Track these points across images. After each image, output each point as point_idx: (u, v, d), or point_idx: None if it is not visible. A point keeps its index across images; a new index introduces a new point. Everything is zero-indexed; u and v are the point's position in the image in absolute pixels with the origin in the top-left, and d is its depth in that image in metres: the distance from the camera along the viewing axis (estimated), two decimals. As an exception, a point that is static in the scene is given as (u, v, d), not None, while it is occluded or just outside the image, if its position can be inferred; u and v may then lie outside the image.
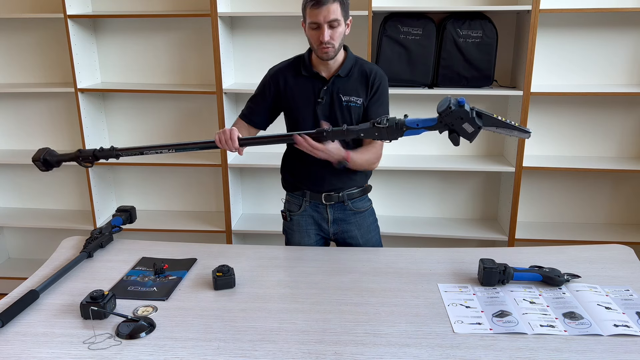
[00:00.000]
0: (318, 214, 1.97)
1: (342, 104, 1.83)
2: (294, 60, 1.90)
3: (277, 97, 1.89)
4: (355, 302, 1.47)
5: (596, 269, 1.65)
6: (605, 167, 2.74)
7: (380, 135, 1.60)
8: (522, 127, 1.51)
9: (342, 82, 1.83)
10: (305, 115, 1.85)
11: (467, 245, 2.91)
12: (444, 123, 1.54)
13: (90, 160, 1.82)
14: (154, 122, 3.11)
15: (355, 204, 1.97)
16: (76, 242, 1.90)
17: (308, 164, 1.85)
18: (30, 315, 1.41)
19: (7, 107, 3.14)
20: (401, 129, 1.58)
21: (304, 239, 2.00)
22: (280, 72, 1.89)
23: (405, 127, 1.58)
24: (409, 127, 1.57)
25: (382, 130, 1.59)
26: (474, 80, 2.68)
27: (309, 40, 1.78)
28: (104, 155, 1.80)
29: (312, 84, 1.85)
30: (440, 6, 2.74)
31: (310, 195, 1.94)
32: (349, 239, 1.99)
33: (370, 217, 2.02)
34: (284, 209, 2.04)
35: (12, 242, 3.43)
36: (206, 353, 1.25)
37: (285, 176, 2.01)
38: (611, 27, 2.73)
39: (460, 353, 1.24)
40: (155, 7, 2.92)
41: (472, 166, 2.82)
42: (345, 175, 1.90)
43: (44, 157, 1.80)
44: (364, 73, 1.85)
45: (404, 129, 1.58)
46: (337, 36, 1.72)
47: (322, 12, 1.67)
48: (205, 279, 1.61)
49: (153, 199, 3.27)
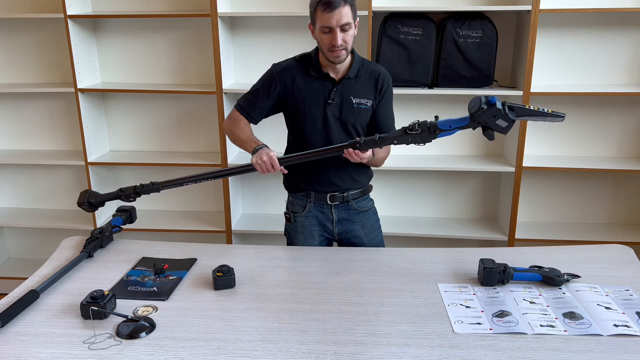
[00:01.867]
0: (322, 215, 1.96)
1: (352, 106, 1.82)
2: (301, 58, 1.87)
3: (283, 96, 1.86)
4: (355, 302, 1.47)
5: (596, 269, 1.65)
6: (605, 167, 2.74)
7: (414, 140, 1.60)
8: (555, 112, 1.51)
9: (351, 83, 1.82)
10: (314, 116, 1.83)
11: (467, 245, 2.91)
12: (477, 122, 1.54)
13: (132, 197, 1.89)
14: (154, 122, 3.11)
15: (359, 204, 1.96)
16: (76, 242, 1.90)
17: (312, 165, 1.85)
18: (30, 315, 1.41)
19: (7, 107, 3.14)
20: (434, 133, 1.57)
21: (308, 241, 1.98)
22: (287, 70, 1.85)
23: (439, 130, 1.57)
24: (442, 129, 1.57)
25: (416, 136, 1.59)
26: (474, 80, 2.68)
27: (318, 44, 1.76)
28: (145, 191, 1.87)
29: (322, 84, 1.83)
30: (440, 6, 2.74)
31: (314, 195, 1.93)
32: (353, 238, 1.98)
33: (373, 216, 2.03)
34: (287, 210, 2.03)
35: (12, 242, 3.43)
36: (206, 353, 1.25)
37: (289, 177, 1.99)
38: (611, 27, 2.73)
39: (460, 353, 1.24)
40: (155, 7, 2.92)
41: (472, 166, 2.82)
42: (350, 176, 1.90)
43: (88, 200, 1.88)
44: (372, 75, 1.84)
45: (437, 132, 1.57)
46: (349, 39, 1.72)
47: (334, 16, 1.66)
48: (205, 279, 1.61)
49: (153, 199, 3.27)
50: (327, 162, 1.83)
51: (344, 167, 1.87)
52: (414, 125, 1.59)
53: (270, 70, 1.89)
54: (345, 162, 1.81)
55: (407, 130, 1.60)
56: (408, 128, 1.60)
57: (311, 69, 1.83)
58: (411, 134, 1.59)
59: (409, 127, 1.60)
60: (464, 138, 2.98)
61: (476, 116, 1.52)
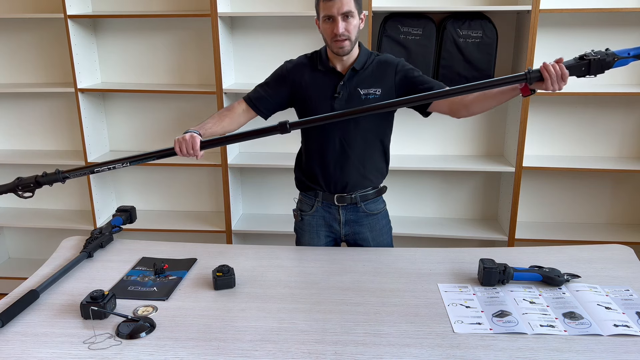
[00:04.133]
0: (330, 215, 1.95)
1: (360, 97, 1.80)
2: (312, 55, 1.88)
3: (293, 91, 1.86)
4: (355, 302, 1.47)
5: (596, 269, 1.65)
6: (606, 167, 2.74)
7: (589, 69, 1.52)
8: None
9: (358, 75, 1.81)
10: (322, 111, 1.81)
11: (467, 245, 2.91)
12: None
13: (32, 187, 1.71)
14: (154, 122, 3.11)
15: (369, 206, 1.93)
16: (76, 242, 1.90)
17: (322, 164, 1.85)
18: (30, 315, 1.41)
19: (7, 107, 3.14)
20: (613, 60, 1.51)
21: (314, 240, 1.98)
22: (299, 66, 1.86)
23: (617, 57, 1.51)
24: (620, 57, 1.51)
25: (593, 62, 1.51)
26: (474, 80, 2.66)
27: (323, 36, 1.76)
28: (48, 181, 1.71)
29: (328, 79, 1.82)
30: (440, 6, 2.74)
31: (322, 195, 1.92)
32: (360, 240, 1.96)
33: (383, 219, 1.99)
34: (296, 208, 2.03)
35: (12, 242, 3.43)
36: (206, 353, 1.25)
37: (299, 176, 1.99)
38: (611, 27, 2.73)
39: (460, 353, 1.24)
40: (155, 7, 2.92)
41: (472, 166, 2.82)
42: (358, 172, 1.88)
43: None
44: (383, 63, 1.82)
45: (615, 59, 1.51)
46: (352, 28, 1.71)
47: (335, 4, 1.67)
48: (205, 279, 1.61)
49: (153, 199, 3.28)
50: (338, 162, 1.83)
51: (352, 163, 1.86)
52: (589, 52, 1.52)
53: (282, 66, 1.90)
54: (354, 157, 1.83)
55: (583, 57, 1.52)
56: (584, 55, 1.53)
57: (319, 64, 1.83)
58: (589, 58, 1.51)
59: (585, 54, 1.53)
60: (464, 138, 2.98)
61: None
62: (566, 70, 1.50)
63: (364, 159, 1.87)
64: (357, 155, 1.85)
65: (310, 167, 1.92)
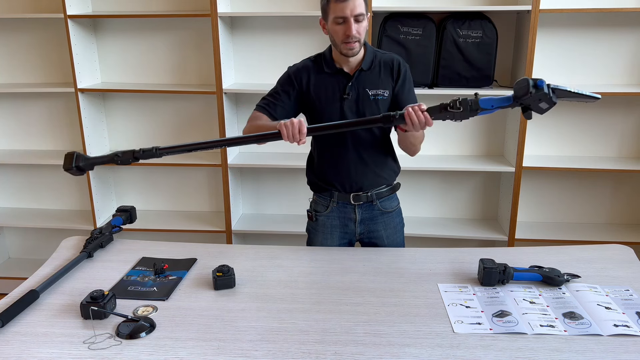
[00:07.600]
0: (345, 215, 1.94)
1: (369, 98, 1.80)
2: (315, 58, 1.87)
3: (300, 95, 1.85)
4: (355, 302, 1.47)
5: (596, 269, 1.65)
6: (605, 167, 2.74)
7: (453, 117, 1.58)
8: (591, 94, 1.50)
9: (366, 75, 1.81)
10: (331, 112, 1.82)
11: (467, 245, 2.91)
12: (519, 103, 1.53)
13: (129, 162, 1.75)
14: (154, 122, 3.11)
15: (384, 204, 1.93)
16: (76, 242, 1.90)
17: (335, 164, 1.85)
18: (30, 315, 1.41)
19: (7, 107, 3.14)
20: (475, 111, 1.55)
21: (327, 240, 1.97)
22: (302, 70, 1.85)
23: (480, 109, 1.55)
24: (483, 108, 1.55)
25: (456, 114, 1.56)
26: (474, 80, 2.69)
27: (331, 37, 1.75)
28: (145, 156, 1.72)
29: (336, 80, 1.82)
30: (440, 6, 2.74)
31: (338, 195, 1.91)
32: (375, 239, 1.96)
33: (397, 217, 1.99)
34: (310, 208, 2.02)
35: (12, 242, 3.43)
36: (206, 353, 1.25)
37: (312, 178, 1.97)
38: (611, 27, 2.73)
39: (460, 353, 1.24)
40: (155, 7, 2.92)
41: (472, 166, 2.82)
42: (373, 172, 1.88)
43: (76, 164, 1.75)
44: (387, 64, 1.83)
45: (478, 111, 1.55)
46: (362, 31, 1.72)
47: (348, 6, 1.66)
48: (205, 279, 1.61)
49: (153, 199, 3.28)
50: (351, 161, 1.83)
51: (366, 164, 1.86)
52: (455, 102, 1.56)
53: (286, 72, 1.89)
54: (367, 158, 1.84)
55: (448, 107, 1.56)
56: (449, 105, 1.56)
57: (325, 66, 1.83)
58: (451, 111, 1.56)
59: (450, 104, 1.56)
60: (464, 138, 2.98)
61: (522, 99, 1.50)
62: (430, 119, 1.59)
63: (377, 159, 1.87)
64: (370, 156, 1.86)
65: (323, 170, 1.91)
